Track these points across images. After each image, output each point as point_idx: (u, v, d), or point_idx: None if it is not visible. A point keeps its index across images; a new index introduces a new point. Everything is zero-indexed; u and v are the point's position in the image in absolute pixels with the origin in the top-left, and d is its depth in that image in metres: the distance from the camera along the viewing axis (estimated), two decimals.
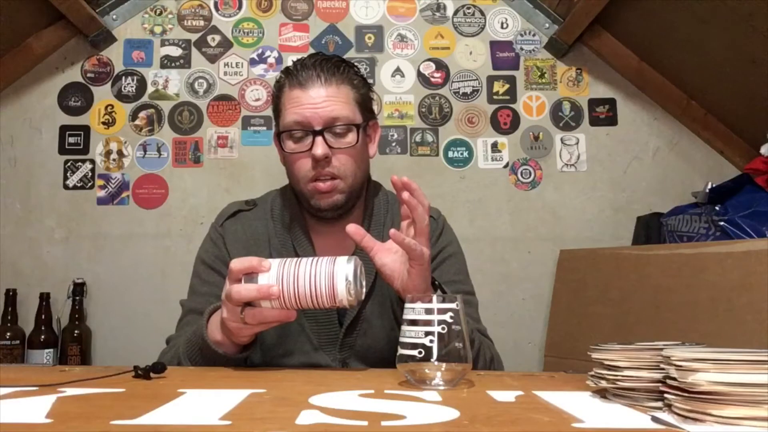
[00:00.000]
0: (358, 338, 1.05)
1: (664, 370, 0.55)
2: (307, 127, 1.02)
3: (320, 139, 1.01)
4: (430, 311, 0.72)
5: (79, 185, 1.97)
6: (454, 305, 0.73)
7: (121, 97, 2.02)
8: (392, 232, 0.86)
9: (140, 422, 0.52)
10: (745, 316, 1.30)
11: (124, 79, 2.03)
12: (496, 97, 2.06)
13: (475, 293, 1.14)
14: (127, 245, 1.95)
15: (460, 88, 2.06)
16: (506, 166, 2.03)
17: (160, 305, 1.87)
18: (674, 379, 0.53)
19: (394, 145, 2.03)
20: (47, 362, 1.76)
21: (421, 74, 2.06)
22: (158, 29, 2.05)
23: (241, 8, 2.07)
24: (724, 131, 2.02)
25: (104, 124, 2.01)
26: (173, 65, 2.04)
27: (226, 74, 2.04)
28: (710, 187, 1.69)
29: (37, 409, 0.57)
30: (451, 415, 0.56)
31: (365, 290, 0.88)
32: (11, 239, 1.94)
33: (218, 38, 2.06)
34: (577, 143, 2.04)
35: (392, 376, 0.80)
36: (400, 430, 0.50)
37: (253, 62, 2.05)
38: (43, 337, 1.79)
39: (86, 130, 2.00)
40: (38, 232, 1.95)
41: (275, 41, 2.06)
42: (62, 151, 1.98)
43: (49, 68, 2.00)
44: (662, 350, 0.57)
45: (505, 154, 2.03)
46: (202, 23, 2.06)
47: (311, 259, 0.84)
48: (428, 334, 0.71)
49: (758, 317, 1.27)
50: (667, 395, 0.55)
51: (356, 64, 1.17)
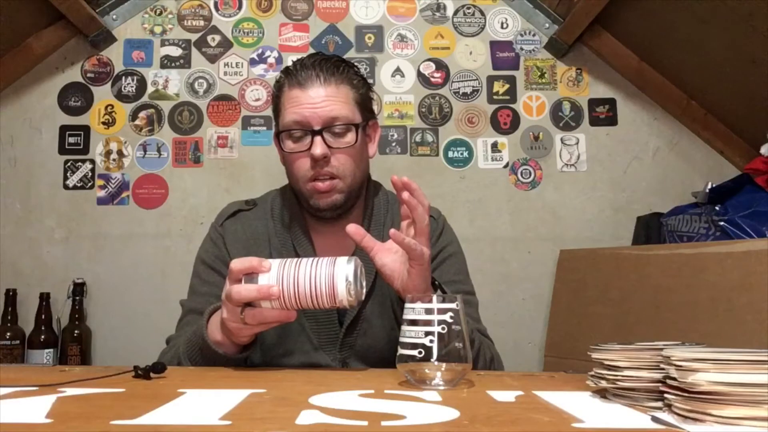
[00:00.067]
0: (358, 338, 1.05)
1: (664, 370, 0.55)
2: (306, 126, 1.02)
3: (319, 138, 1.01)
4: (430, 311, 0.72)
5: (79, 185, 1.97)
6: (454, 305, 0.73)
7: (121, 97, 2.02)
8: (392, 232, 0.86)
9: (140, 422, 0.52)
10: (745, 316, 1.30)
11: (124, 79, 2.03)
12: (496, 97, 2.06)
13: (475, 293, 1.14)
14: (127, 245, 1.95)
15: (460, 88, 2.06)
16: (506, 166, 2.03)
17: (160, 305, 1.87)
18: (674, 379, 0.53)
19: (394, 145, 2.03)
20: (47, 362, 1.76)
21: (421, 74, 2.06)
22: (158, 29, 2.05)
23: (241, 8, 2.07)
24: (724, 131, 2.02)
25: (104, 124, 2.01)
26: (173, 65, 2.04)
27: (226, 74, 2.04)
28: (710, 187, 1.69)
29: (37, 409, 0.57)
30: (451, 415, 0.56)
31: (365, 290, 0.88)
32: (11, 239, 1.94)
33: (218, 38, 2.06)
34: (577, 143, 2.04)
35: (392, 376, 0.80)
36: (400, 430, 0.50)
37: (253, 62, 2.05)
38: (43, 337, 1.79)
39: (86, 130, 2.00)
40: (38, 232, 1.95)
41: (275, 41, 2.06)
42: (62, 151, 1.99)
43: (49, 68, 2.00)
44: (662, 350, 0.57)
45: (505, 154, 2.03)
46: (202, 23, 2.06)
47: (311, 259, 0.84)
48: (428, 334, 0.71)
49: (758, 317, 1.27)
50: (667, 395, 0.55)
51: (356, 64, 1.17)
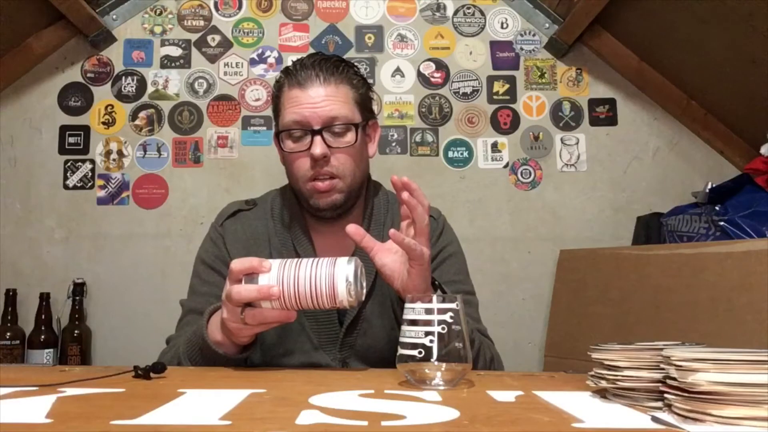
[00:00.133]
0: (358, 338, 1.05)
1: (664, 370, 0.55)
2: (306, 126, 1.02)
3: (319, 138, 1.01)
4: (430, 311, 0.72)
5: (79, 185, 1.97)
6: (454, 305, 0.73)
7: (121, 97, 2.02)
8: (392, 232, 0.86)
9: (140, 422, 0.52)
10: (745, 316, 1.30)
11: (124, 79, 2.03)
12: (496, 97, 2.06)
13: (475, 293, 1.14)
14: (127, 245, 1.95)
15: (460, 88, 2.06)
16: (506, 166, 2.03)
17: (160, 305, 1.87)
18: (674, 379, 0.53)
19: (394, 145, 2.03)
20: (47, 362, 1.76)
21: (421, 74, 2.06)
22: (158, 29, 2.05)
23: (241, 8, 2.07)
24: (724, 131, 2.02)
25: (104, 124, 2.01)
26: (173, 65, 2.04)
27: (226, 74, 2.04)
28: (710, 187, 1.69)
29: (37, 409, 0.57)
30: (451, 415, 0.56)
31: (365, 291, 0.88)
32: (11, 239, 1.94)
33: (218, 38, 2.06)
34: (577, 143, 2.04)
35: (392, 376, 0.80)
36: (400, 430, 0.50)
37: (253, 62, 2.05)
38: (43, 337, 1.79)
39: (86, 130, 2.00)
40: (38, 232, 1.95)
41: (275, 41, 2.06)
42: (62, 151, 1.99)
43: (49, 68, 2.00)
44: (662, 350, 0.57)
45: (505, 154, 2.03)
46: (202, 23, 2.06)
47: (312, 260, 0.84)
48: (428, 334, 0.71)
49: (758, 317, 1.27)
50: (667, 395, 0.55)
51: (356, 64, 1.17)
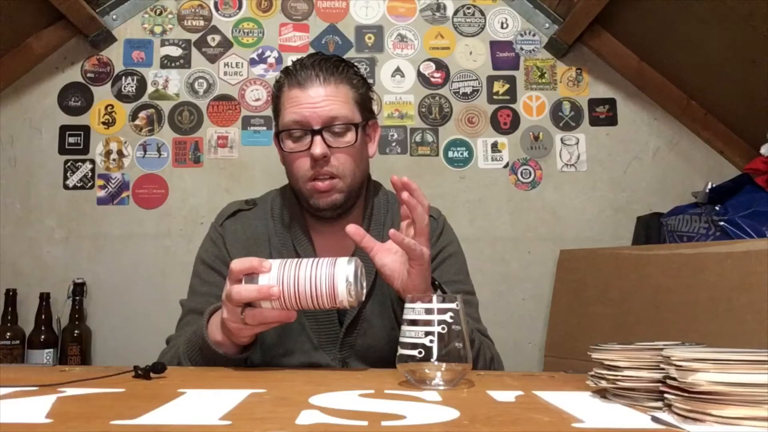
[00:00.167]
0: (358, 338, 1.05)
1: (664, 370, 0.55)
2: (306, 126, 1.02)
3: (319, 138, 1.01)
4: (430, 311, 0.72)
5: (79, 185, 1.97)
6: (454, 305, 0.73)
7: (121, 97, 2.02)
8: (392, 232, 0.86)
9: (140, 422, 0.52)
10: (745, 316, 1.30)
11: (124, 79, 2.03)
12: (496, 97, 2.06)
13: (475, 293, 1.14)
14: (127, 245, 1.95)
15: (460, 88, 2.06)
16: (506, 166, 2.03)
17: (160, 305, 1.87)
18: (674, 379, 0.53)
19: (394, 145, 2.03)
20: (47, 362, 1.76)
21: (421, 74, 2.06)
22: (158, 29, 2.05)
23: (241, 8, 2.07)
24: (724, 131, 2.02)
25: (104, 124, 2.01)
26: (173, 65, 2.04)
27: (226, 74, 2.04)
28: (710, 187, 1.69)
29: (37, 409, 0.57)
30: (451, 415, 0.56)
31: (365, 291, 0.88)
32: (11, 239, 1.94)
33: (218, 38, 2.06)
34: (577, 143, 2.04)
35: (392, 376, 0.80)
36: (400, 430, 0.50)
37: (253, 62, 2.05)
38: (43, 337, 1.79)
39: (86, 130, 2.00)
40: (38, 232, 1.95)
41: (275, 41, 2.06)
42: (62, 151, 1.99)
43: (49, 68, 2.00)
44: (662, 350, 0.57)
45: (505, 154, 2.03)
46: (202, 23, 2.06)
47: (312, 260, 0.84)
48: (428, 334, 0.71)
49: (758, 317, 1.26)
50: (667, 395, 0.55)
51: (356, 64, 1.17)
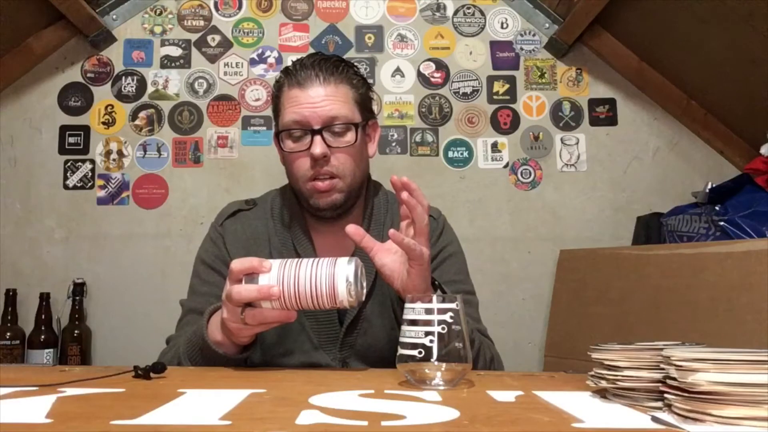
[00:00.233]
0: (358, 337, 1.05)
1: (664, 370, 0.55)
2: (305, 126, 1.02)
3: (319, 138, 1.01)
4: (430, 311, 0.72)
5: (79, 185, 1.97)
6: (454, 305, 0.73)
7: (121, 97, 2.02)
8: (391, 232, 0.86)
9: (140, 422, 0.52)
10: (745, 316, 1.30)
11: (124, 79, 2.03)
12: (496, 97, 2.06)
13: (475, 293, 1.14)
14: (127, 245, 1.95)
15: (460, 88, 2.05)
16: (506, 166, 2.03)
17: (160, 305, 1.87)
18: (674, 379, 0.53)
19: (394, 145, 2.03)
20: (47, 362, 1.76)
21: (421, 74, 2.06)
22: (158, 29, 2.05)
23: (241, 8, 2.07)
24: (724, 131, 2.02)
25: (104, 124, 2.01)
26: (173, 65, 2.04)
27: (226, 74, 2.04)
28: (710, 187, 1.69)
29: (37, 409, 0.57)
30: (451, 415, 0.56)
31: (365, 291, 0.88)
32: (11, 239, 1.94)
33: (218, 38, 2.06)
34: (577, 143, 2.04)
35: (392, 376, 0.80)
36: (400, 430, 0.50)
37: (253, 62, 2.05)
38: (43, 337, 1.79)
39: (86, 130, 2.00)
40: (38, 232, 1.95)
41: (275, 41, 2.06)
42: (62, 151, 1.99)
43: (49, 68, 2.00)
44: (662, 350, 0.57)
45: (505, 154, 2.03)
46: (202, 23, 2.06)
47: (312, 260, 0.84)
48: (428, 334, 0.71)
49: (758, 317, 1.26)
50: (667, 395, 0.55)
51: (356, 64, 1.17)
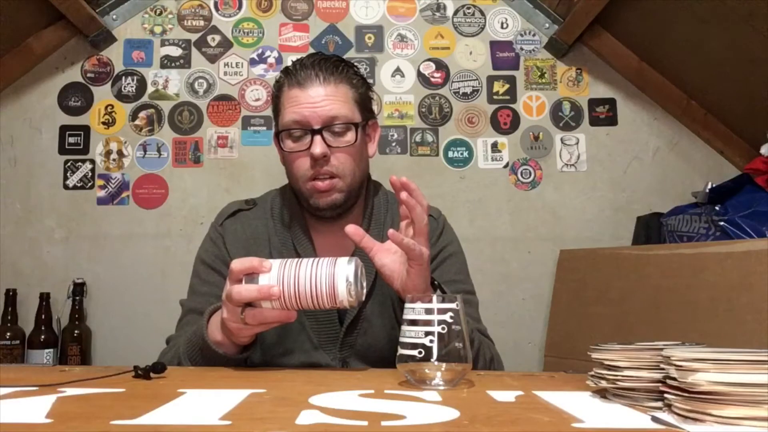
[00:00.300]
0: (358, 337, 1.05)
1: (664, 370, 0.55)
2: (305, 126, 1.02)
3: (319, 138, 1.01)
4: (430, 311, 0.72)
5: (79, 185, 1.97)
6: (454, 305, 0.73)
7: (121, 97, 2.02)
8: (391, 232, 0.86)
9: (140, 422, 0.52)
10: (745, 316, 1.30)
11: (124, 79, 2.03)
12: (496, 97, 2.06)
13: (475, 293, 1.14)
14: (127, 245, 1.95)
15: (460, 88, 2.05)
16: (506, 166, 2.03)
17: (160, 305, 1.87)
18: (674, 379, 0.53)
19: (394, 145, 2.03)
20: (47, 362, 1.76)
21: (421, 74, 2.06)
22: (158, 29, 2.05)
23: (241, 8, 2.07)
24: (724, 131, 2.02)
25: (104, 124, 2.01)
26: (173, 65, 2.04)
27: (226, 74, 2.04)
28: (710, 187, 1.69)
29: (37, 409, 0.57)
30: (451, 415, 0.56)
31: (365, 291, 0.88)
32: (11, 239, 1.94)
33: (218, 38, 2.06)
34: (577, 143, 2.04)
35: (392, 376, 0.80)
36: (400, 430, 0.50)
37: (253, 62, 2.05)
38: (43, 337, 1.79)
39: (86, 130, 2.00)
40: (38, 232, 1.95)
41: (275, 41, 2.06)
42: (62, 151, 1.99)
43: (49, 68, 2.00)
44: (662, 350, 0.57)
45: (505, 154, 2.03)
46: (202, 23, 2.06)
47: (312, 260, 0.84)
48: (428, 334, 0.71)
49: (758, 317, 1.26)
50: (667, 395, 0.55)
51: (356, 64, 1.17)
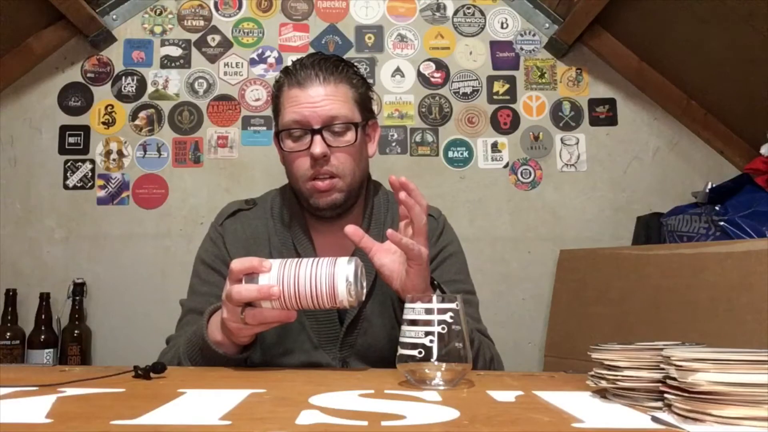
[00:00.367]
0: (358, 337, 1.05)
1: (664, 370, 0.55)
2: (305, 125, 1.02)
3: (318, 137, 1.01)
4: (430, 311, 0.72)
5: (79, 185, 1.97)
6: (454, 305, 0.73)
7: (121, 97, 2.02)
8: (389, 232, 0.86)
9: (140, 422, 0.52)
10: (745, 316, 1.30)
11: (124, 79, 2.03)
12: (496, 97, 2.06)
13: (475, 293, 1.14)
14: (127, 245, 1.95)
15: (460, 88, 2.05)
16: (506, 166, 2.03)
17: (160, 305, 1.87)
18: (674, 379, 0.53)
19: (394, 145, 2.03)
20: (47, 362, 1.76)
21: (421, 74, 2.06)
22: (158, 29, 2.05)
23: (241, 8, 2.07)
24: (724, 131, 2.02)
25: (104, 124, 2.01)
26: (173, 65, 2.04)
27: (226, 74, 2.04)
28: (710, 187, 1.69)
29: (37, 409, 0.57)
30: (451, 415, 0.56)
31: (365, 290, 0.88)
32: (11, 239, 1.94)
33: (218, 38, 2.06)
34: (577, 143, 2.04)
35: (392, 376, 0.80)
36: (400, 430, 0.50)
37: (253, 62, 2.05)
38: (43, 337, 1.79)
39: (86, 130, 2.00)
40: (38, 232, 1.95)
41: (275, 41, 2.06)
42: (62, 151, 1.99)
43: (49, 68, 2.00)
44: (662, 350, 0.57)
45: (505, 154, 2.03)
46: (202, 23, 2.06)
47: (312, 259, 0.84)
48: (428, 334, 0.71)
49: (758, 317, 1.26)
50: (667, 395, 0.55)
51: (356, 64, 1.17)
